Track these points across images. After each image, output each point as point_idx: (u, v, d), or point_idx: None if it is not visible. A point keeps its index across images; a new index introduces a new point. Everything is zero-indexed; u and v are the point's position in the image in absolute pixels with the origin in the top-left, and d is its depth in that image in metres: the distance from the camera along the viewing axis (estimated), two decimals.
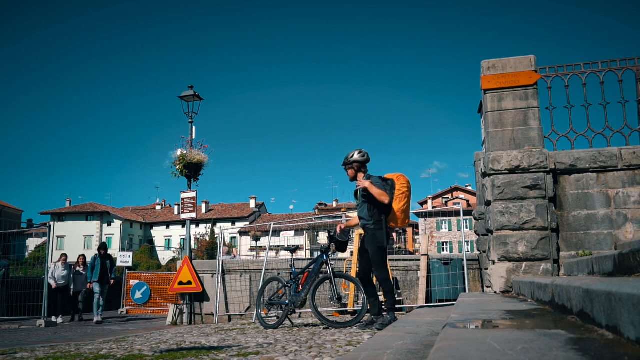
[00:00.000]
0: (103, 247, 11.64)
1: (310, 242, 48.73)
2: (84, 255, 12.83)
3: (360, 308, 5.98)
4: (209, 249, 40.38)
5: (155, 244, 62.92)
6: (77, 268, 12.28)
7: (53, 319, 11.00)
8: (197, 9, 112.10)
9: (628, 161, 5.94)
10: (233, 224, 62.51)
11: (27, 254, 51.64)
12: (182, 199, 10.44)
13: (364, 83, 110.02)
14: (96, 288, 11.11)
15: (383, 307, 5.54)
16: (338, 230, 5.82)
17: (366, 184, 5.30)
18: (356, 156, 5.56)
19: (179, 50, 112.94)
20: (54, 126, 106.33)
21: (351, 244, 8.02)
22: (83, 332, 8.57)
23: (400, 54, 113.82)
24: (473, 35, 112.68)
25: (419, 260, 9.39)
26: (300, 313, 8.98)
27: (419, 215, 59.19)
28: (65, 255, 12.33)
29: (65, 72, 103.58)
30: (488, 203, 6.37)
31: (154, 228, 68.75)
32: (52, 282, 11.20)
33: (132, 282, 14.15)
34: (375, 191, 5.26)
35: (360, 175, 5.54)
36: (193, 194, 10.34)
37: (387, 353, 2.80)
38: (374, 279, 5.86)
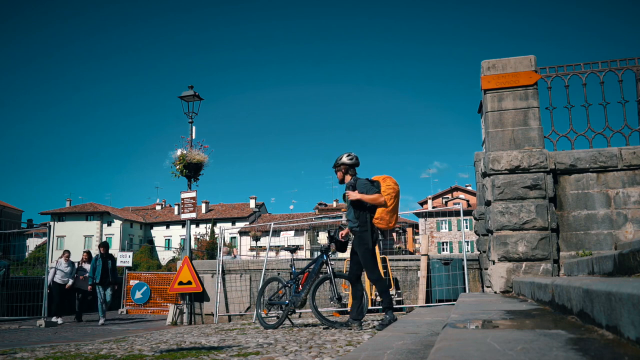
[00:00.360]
0: (104, 245, 11.09)
1: (310, 242, 48.71)
2: (88, 252, 12.32)
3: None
4: (209, 249, 40.38)
5: (155, 244, 62.90)
6: (82, 264, 11.78)
7: (54, 319, 10.75)
8: (197, 9, 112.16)
9: (628, 161, 5.94)
10: (233, 224, 62.50)
11: (27, 254, 51.62)
12: (182, 199, 10.44)
13: (364, 83, 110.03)
14: (99, 291, 10.62)
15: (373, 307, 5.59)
16: (340, 237, 5.87)
17: (357, 196, 5.37)
18: (344, 159, 5.68)
19: (179, 50, 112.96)
20: (54, 126, 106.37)
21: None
22: (83, 332, 8.57)
23: (400, 54, 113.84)
24: (473, 35, 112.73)
25: (419, 260, 9.40)
26: (300, 313, 8.98)
27: (419, 215, 59.16)
28: (68, 251, 11.84)
29: (65, 72, 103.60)
30: (488, 203, 6.37)
31: (154, 228, 68.74)
32: (49, 282, 10.86)
33: (132, 282, 14.16)
34: (369, 197, 5.34)
35: (348, 178, 5.68)
36: (193, 194, 10.34)
37: (387, 353, 2.80)
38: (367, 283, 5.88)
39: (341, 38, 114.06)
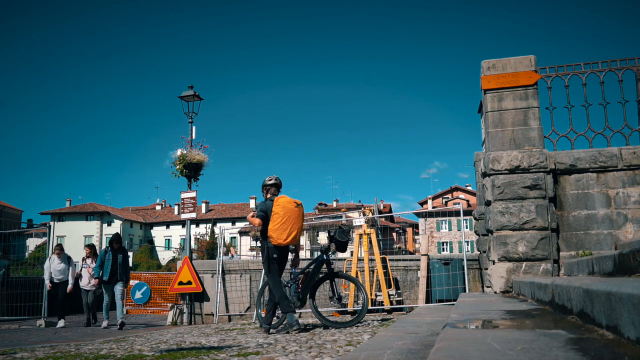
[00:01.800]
0: (116, 239, 9.58)
1: (310, 242, 48.71)
2: (91, 245, 11.26)
3: (360, 308, 5.99)
4: (209, 249, 40.39)
5: (155, 244, 62.90)
6: (87, 260, 10.76)
7: (60, 323, 10.20)
8: (197, 9, 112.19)
9: (628, 161, 5.94)
10: (233, 224, 62.48)
11: (27, 254, 51.57)
12: (182, 199, 10.44)
13: (364, 83, 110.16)
14: (105, 289, 9.52)
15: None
16: (249, 218, 6.11)
17: (249, 214, 6.09)
18: (266, 180, 6.19)
19: (179, 50, 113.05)
20: (54, 126, 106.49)
21: (351, 244, 8.02)
22: (83, 332, 8.57)
23: (400, 54, 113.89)
24: (473, 35, 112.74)
25: (419, 260, 9.40)
26: (300, 313, 8.98)
27: (419, 215, 59.17)
28: (59, 246, 10.61)
29: (65, 72, 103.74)
30: (488, 203, 6.36)
31: (154, 228, 68.74)
32: (47, 282, 10.27)
33: (132, 282, 14.14)
34: (249, 219, 6.01)
35: (269, 195, 6.10)
36: (193, 194, 10.34)
37: (387, 353, 2.80)
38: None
39: (341, 38, 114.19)
